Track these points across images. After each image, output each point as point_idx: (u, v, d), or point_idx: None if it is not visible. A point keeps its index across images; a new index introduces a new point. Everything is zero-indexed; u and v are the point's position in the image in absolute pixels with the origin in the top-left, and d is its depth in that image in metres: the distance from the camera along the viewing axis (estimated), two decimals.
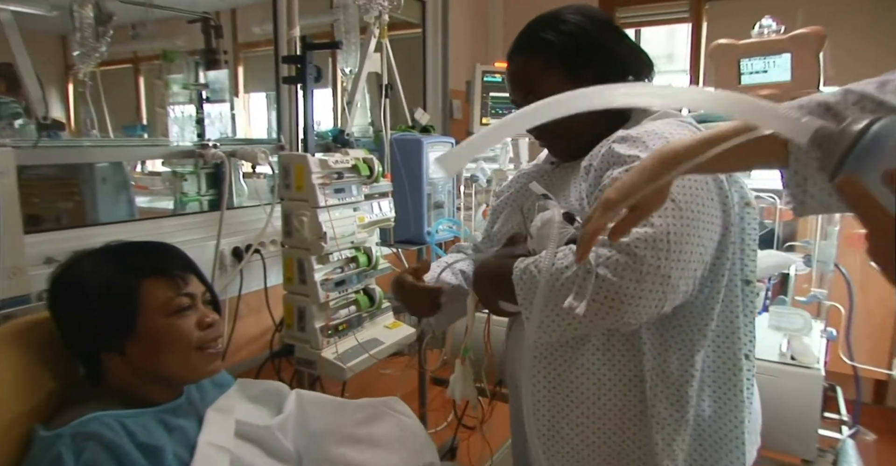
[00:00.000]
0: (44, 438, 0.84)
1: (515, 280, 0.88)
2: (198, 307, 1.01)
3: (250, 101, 3.81)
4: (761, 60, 1.67)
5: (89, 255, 1.01)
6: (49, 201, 1.75)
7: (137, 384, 0.97)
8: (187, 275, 1.01)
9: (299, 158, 1.46)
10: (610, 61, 1.02)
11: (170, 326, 0.96)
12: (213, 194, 2.27)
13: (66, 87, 2.74)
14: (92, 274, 0.97)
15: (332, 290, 1.52)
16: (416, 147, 2.07)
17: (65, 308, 0.98)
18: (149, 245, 1.05)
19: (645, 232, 0.81)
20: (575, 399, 0.97)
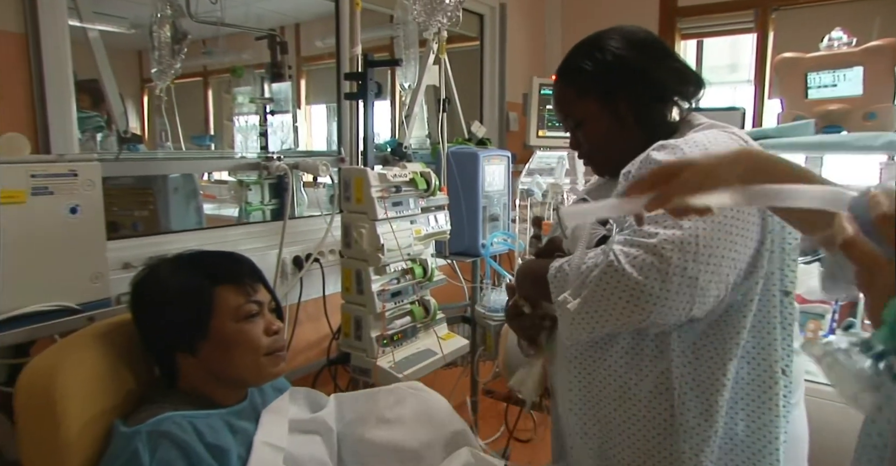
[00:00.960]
0: (123, 434, 0.90)
1: (550, 279, 0.93)
2: (265, 314, 1.06)
3: (311, 112, 3.94)
4: (830, 73, 1.61)
5: (167, 262, 1.08)
6: (126, 210, 1.87)
7: (207, 384, 1.03)
8: (256, 284, 1.07)
9: (359, 171, 1.51)
10: (646, 87, 1.04)
11: (240, 331, 1.02)
12: (276, 203, 2.36)
13: (141, 100, 2.91)
14: (171, 279, 1.03)
15: (389, 300, 1.55)
16: (472, 160, 2.09)
17: (146, 310, 1.04)
18: (221, 255, 1.12)
19: (673, 234, 0.82)
20: (602, 400, 0.98)
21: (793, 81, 1.68)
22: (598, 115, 1.06)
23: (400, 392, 1.23)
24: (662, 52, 1.07)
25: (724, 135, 0.96)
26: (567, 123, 1.12)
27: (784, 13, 2.97)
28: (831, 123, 1.62)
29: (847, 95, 1.60)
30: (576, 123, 1.10)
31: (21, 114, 1.38)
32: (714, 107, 2.85)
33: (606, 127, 1.07)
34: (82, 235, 1.18)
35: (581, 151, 1.14)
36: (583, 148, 1.13)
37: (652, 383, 0.94)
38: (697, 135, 0.96)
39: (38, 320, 1.10)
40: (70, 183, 1.16)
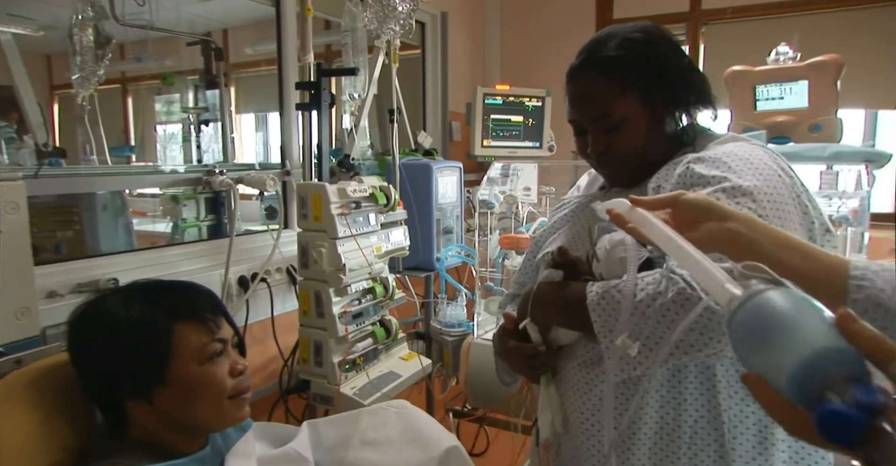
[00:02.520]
0: None
1: (592, 306, 0.82)
2: (228, 352, 0.95)
3: (241, 122, 3.77)
4: (777, 86, 1.67)
5: (115, 294, 0.94)
6: (48, 231, 1.68)
7: (164, 433, 0.91)
8: (218, 318, 0.95)
9: (317, 187, 1.42)
10: (679, 82, 0.96)
11: (203, 374, 0.90)
12: (212, 219, 2.21)
13: (51, 109, 2.67)
14: (121, 316, 0.89)
15: (350, 323, 1.46)
16: (425, 172, 2.04)
17: (89, 353, 0.91)
18: (180, 285, 0.98)
19: None
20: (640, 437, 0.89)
21: (742, 93, 1.73)
22: (639, 113, 0.94)
23: (383, 413, 1.14)
24: (681, 49, 1.00)
25: (758, 149, 0.91)
26: (598, 125, 0.97)
27: (713, 27, 3.10)
28: (779, 133, 1.67)
29: (793, 108, 1.66)
30: (613, 124, 0.95)
31: None
32: None
33: (645, 128, 0.95)
34: (6, 265, 1.04)
35: (607, 158, 0.99)
36: (611, 154, 0.98)
37: (694, 416, 0.88)
38: (733, 147, 0.91)
39: None
40: None
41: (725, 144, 0.93)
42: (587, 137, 0.99)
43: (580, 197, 1.14)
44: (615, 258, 0.84)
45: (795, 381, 0.41)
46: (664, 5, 3.10)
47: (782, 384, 0.42)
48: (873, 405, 0.37)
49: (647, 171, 0.97)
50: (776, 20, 2.92)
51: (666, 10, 3.10)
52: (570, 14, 3.27)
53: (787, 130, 1.66)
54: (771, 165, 0.88)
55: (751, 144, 0.93)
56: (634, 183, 1.00)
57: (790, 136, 1.68)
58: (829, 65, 1.59)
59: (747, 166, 0.86)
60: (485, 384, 1.82)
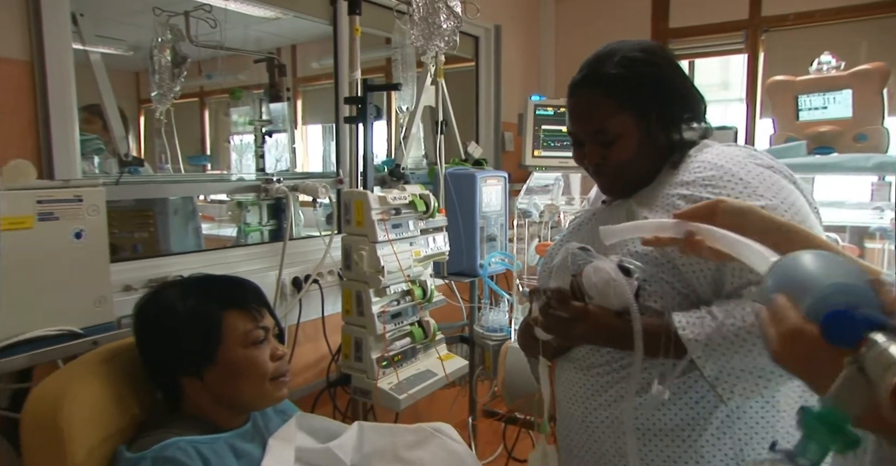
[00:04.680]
0: (128, 460, 0.90)
1: (692, 345, 0.87)
2: (270, 339, 1.07)
3: (307, 132, 3.97)
4: (820, 96, 1.65)
5: (174, 285, 1.08)
6: (127, 232, 1.87)
7: (211, 408, 1.03)
8: (262, 309, 1.08)
9: (359, 194, 1.53)
10: (675, 100, 1.02)
11: (248, 357, 1.02)
12: (274, 224, 2.37)
13: (138, 122, 2.92)
14: (179, 303, 1.03)
15: (389, 322, 1.56)
16: (469, 181, 2.12)
17: (152, 333, 1.05)
18: (229, 279, 1.12)
19: None
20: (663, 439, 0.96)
21: (784, 103, 1.72)
22: (633, 130, 1.00)
23: (422, 433, 1.21)
24: (679, 67, 1.06)
25: (741, 151, 0.99)
26: (594, 139, 1.03)
27: (774, 35, 3.03)
28: (822, 144, 1.65)
29: (837, 117, 1.64)
30: (608, 139, 1.01)
31: (25, 139, 1.40)
32: None
33: (638, 143, 1.01)
34: (87, 259, 1.19)
35: (602, 169, 1.06)
36: (606, 165, 1.04)
37: (716, 421, 0.94)
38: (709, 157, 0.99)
39: (43, 344, 1.11)
40: (75, 208, 1.17)
41: (699, 156, 1.00)
42: (584, 149, 1.06)
43: (587, 210, 1.21)
44: (609, 293, 0.91)
45: (821, 298, 0.47)
46: (721, 13, 3.06)
47: (807, 302, 0.48)
48: (874, 320, 0.43)
49: (640, 181, 1.03)
50: (839, 27, 2.83)
51: (724, 19, 3.06)
52: (626, 24, 3.28)
53: (831, 140, 1.64)
54: (745, 162, 0.95)
55: (726, 147, 1.01)
56: (627, 194, 1.06)
57: (834, 146, 1.65)
58: (874, 73, 1.57)
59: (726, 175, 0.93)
60: (520, 386, 1.87)
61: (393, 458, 1.16)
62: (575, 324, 0.94)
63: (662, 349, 0.88)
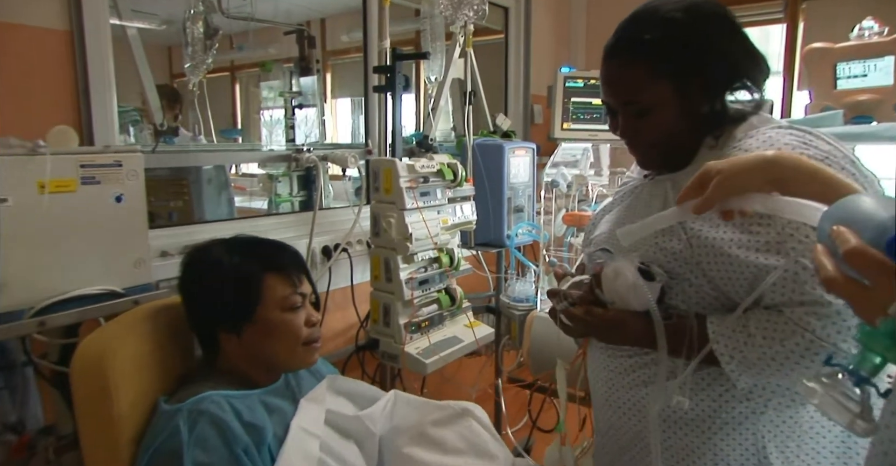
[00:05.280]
0: (165, 411, 0.95)
1: (725, 359, 0.85)
2: (306, 305, 1.11)
3: (337, 106, 3.99)
4: (860, 63, 1.60)
5: (221, 243, 1.11)
6: (163, 200, 1.93)
7: (246, 365, 1.08)
8: (301, 275, 1.11)
9: (388, 162, 1.54)
10: (721, 66, 0.91)
11: (284, 320, 1.06)
12: (304, 195, 2.42)
13: None
14: (225, 258, 1.07)
15: (416, 288, 1.59)
16: (497, 152, 2.12)
17: (197, 286, 1.09)
18: (274, 243, 1.15)
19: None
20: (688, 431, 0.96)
21: (822, 72, 1.67)
22: (668, 102, 0.91)
23: (450, 410, 1.22)
24: (733, 26, 0.93)
25: (785, 137, 0.87)
26: (626, 109, 0.95)
27: (814, 4, 2.93)
28: (861, 113, 1.61)
29: (877, 85, 1.59)
30: (641, 110, 0.93)
31: (66, 107, 1.45)
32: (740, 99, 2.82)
33: (677, 114, 0.92)
34: (126, 222, 1.24)
35: (635, 142, 0.98)
36: (640, 138, 0.96)
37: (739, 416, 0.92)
38: (754, 143, 0.88)
39: (86, 302, 1.16)
40: (115, 173, 1.21)
41: (745, 141, 0.90)
42: (618, 120, 0.98)
43: (631, 180, 1.14)
44: (630, 298, 0.89)
45: (886, 224, 0.48)
46: None
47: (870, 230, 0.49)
48: None
49: (681, 155, 0.95)
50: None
51: None
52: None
53: (870, 109, 1.59)
54: None
55: (778, 133, 0.88)
56: (669, 168, 0.98)
57: (873, 115, 1.61)
58: None
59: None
60: (545, 354, 1.89)
61: (418, 434, 1.18)
62: (597, 330, 0.94)
63: (686, 352, 0.86)
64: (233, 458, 0.91)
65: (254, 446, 0.95)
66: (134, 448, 0.97)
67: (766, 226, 0.81)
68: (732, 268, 0.84)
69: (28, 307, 1.09)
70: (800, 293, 0.79)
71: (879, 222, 0.49)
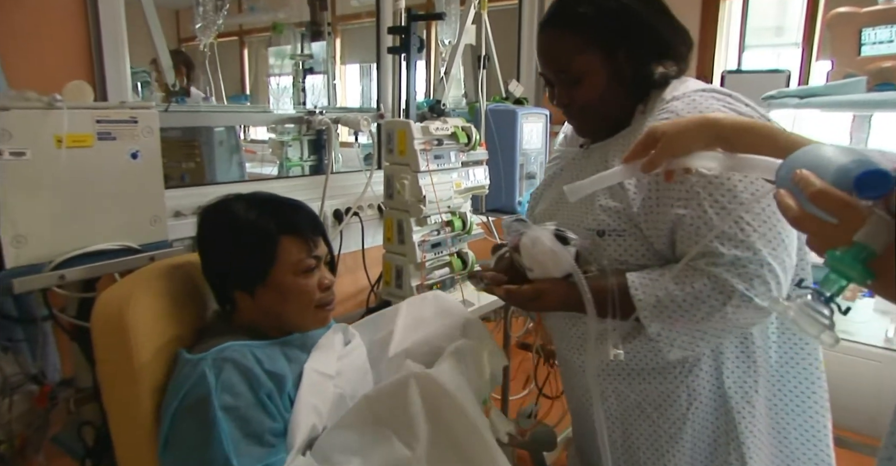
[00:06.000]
0: (190, 360, 0.96)
1: (647, 309, 0.91)
2: (321, 268, 1.10)
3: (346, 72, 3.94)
4: (887, 28, 1.57)
5: (239, 199, 1.10)
6: (175, 162, 1.93)
7: (261, 322, 1.08)
8: (317, 238, 1.10)
9: (403, 124, 1.53)
10: (648, 39, 0.99)
11: (296, 284, 1.06)
12: (314, 159, 2.41)
13: None
14: (242, 214, 1.06)
15: (429, 251, 1.60)
16: (510, 118, 2.10)
17: (211, 241, 1.09)
18: (292, 204, 1.13)
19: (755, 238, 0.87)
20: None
21: (845, 38, 1.64)
22: (598, 70, 0.98)
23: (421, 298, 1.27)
24: (660, 5, 1.02)
25: (709, 101, 0.94)
26: (559, 78, 1.02)
27: None
28: (884, 80, 1.57)
29: None
30: (573, 78, 1.00)
31: (79, 64, 1.43)
32: (756, 69, 2.78)
33: (606, 83, 0.99)
34: (142, 179, 1.24)
35: (570, 110, 1.05)
36: (574, 106, 1.04)
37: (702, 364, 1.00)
38: (680, 106, 0.95)
39: (104, 257, 1.17)
40: (131, 129, 1.21)
41: (672, 103, 0.96)
42: (555, 90, 1.04)
43: (560, 152, 1.20)
44: (546, 262, 0.94)
45: (847, 166, 0.54)
46: None
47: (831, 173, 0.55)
48: None
49: (614, 122, 1.01)
50: None
51: None
52: None
53: (895, 76, 1.56)
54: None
55: (702, 97, 0.95)
56: (602, 136, 1.05)
57: None
58: None
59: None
60: None
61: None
62: (520, 304, 1.00)
63: (611, 308, 0.91)
64: (258, 402, 0.93)
65: (276, 392, 0.97)
66: (157, 397, 0.99)
67: (680, 183, 0.89)
68: (657, 220, 0.93)
69: (48, 261, 1.10)
70: (702, 245, 0.88)
71: (840, 166, 0.55)
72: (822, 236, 0.54)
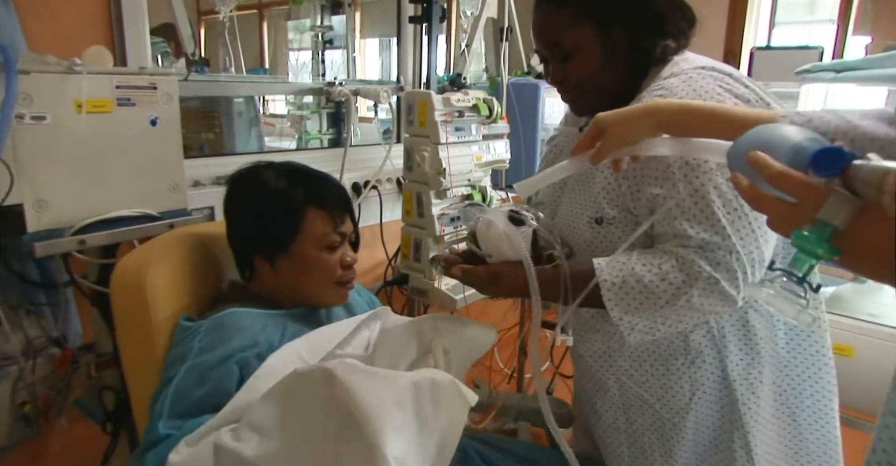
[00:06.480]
0: (187, 327, 0.96)
1: (612, 290, 0.87)
2: (344, 245, 1.08)
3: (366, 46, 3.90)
4: None
5: (270, 167, 1.09)
6: (194, 132, 1.92)
7: (277, 291, 1.08)
8: (344, 214, 1.08)
9: (423, 94, 1.51)
10: (645, 13, 0.95)
11: (318, 258, 1.04)
12: (333, 133, 2.40)
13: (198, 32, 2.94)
14: (272, 182, 1.05)
15: (448, 225, 1.58)
16: (533, 91, 2.06)
17: (238, 206, 1.07)
18: (323, 177, 1.11)
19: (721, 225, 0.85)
20: None
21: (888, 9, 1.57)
22: (592, 44, 0.95)
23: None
24: None
25: (706, 80, 0.90)
26: (553, 53, 0.98)
27: None
28: None
29: None
30: (566, 53, 0.96)
31: (99, 30, 1.42)
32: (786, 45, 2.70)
33: (600, 58, 0.95)
34: (161, 146, 1.23)
35: (566, 87, 1.01)
36: (568, 83, 0.99)
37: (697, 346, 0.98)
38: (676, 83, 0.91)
39: (123, 224, 1.17)
40: (150, 96, 1.20)
41: (669, 80, 0.92)
42: (549, 67, 1.01)
43: (558, 132, 1.18)
44: (500, 246, 0.90)
45: (801, 144, 0.57)
46: None
47: (785, 152, 0.57)
48: (856, 154, 0.51)
49: (610, 100, 0.95)
50: None
51: None
52: None
53: None
54: (717, 97, 0.87)
55: (699, 75, 0.91)
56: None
57: None
58: None
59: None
60: None
61: None
62: (479, 286, 0.95)
63: (574, 293, 0.87)
64: (224, 365, 0.89)
65: (258, 361, 0.91)
66: None
67: (657, 161, 0.87)
68: (640, 200, 0.91)
69: (68, 227, 1.11)
70: (671, 226, 0.87)
71: (793, 144, 0.57)
72: (783, 216, 0.55)
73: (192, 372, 0.88)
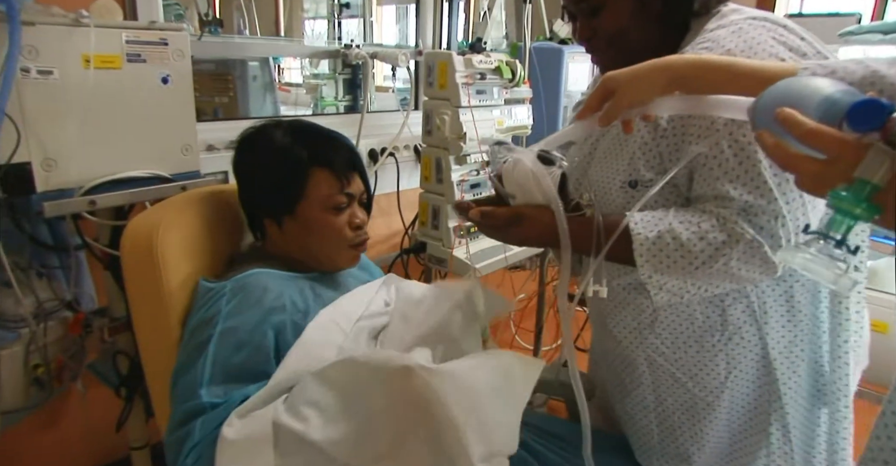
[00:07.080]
0: (210, 288, 0.93)
1: (645, 244, 0.81)
2: (353, 205, 1.04)
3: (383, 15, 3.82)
4: None
5: (278, 125, 1.05)
6: (208, 96, 1.88)
7: (292, 252, 1.04)
8: (352, 174, 1.03)
9: (444, 55, 1.45)
10: None
11: (324, 220, 1.00)
12: (349, 99, 2.34)
13: None
14: (277, 141, 1.01)
15: (468, 191, 1.53)
16: (556, 56, 1.99)
17: (245, 165, 1.04)
18: (331, 135, 1.06)
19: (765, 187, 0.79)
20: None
21: None
22: (626, 11, 0.89)
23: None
24: None
25: (757, 29, 0.83)
26: (580, 8, 0.92)
27: None
28: None
29: None
30: (594, 6, 0.90)
31: None
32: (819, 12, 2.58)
33: (630, 11, 0.89)
34: (173, 105, 1.19)
35: (594, 44, 0.95)
36: (597, 39, 0.93)
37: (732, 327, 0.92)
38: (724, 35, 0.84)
39: (134, 185, 1.14)
40: (161, 52, 1.15)
41: (716, 32, 0.85)
42: (577, 23, 0.94)
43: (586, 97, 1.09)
44: (528, 187, 0.83)
45: (834, 97, 0.53)
46: None
47: (815, 107, 0.53)
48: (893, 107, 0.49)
49: (647, 59, 0.85)
50: None
51: None
52: None
53: None
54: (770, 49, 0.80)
55: (751, 25, 0.83)
56: None
57: None
58: None
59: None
60: None
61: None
62: (498, 231, 0.88)
63: (603, 243, 0.81)
64: (259, 329, 0.88)
65: (290, 325, 0.91)
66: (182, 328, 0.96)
67: (701, 118, 0.81)
68: (680, 160, 0.84)
69: (78, 187, 1.07)
70: (712, 187, 0.81)
71: (825, 97, 0.53)
72: (816, 175, 0.52)
73: (226, 337, 0.87)
